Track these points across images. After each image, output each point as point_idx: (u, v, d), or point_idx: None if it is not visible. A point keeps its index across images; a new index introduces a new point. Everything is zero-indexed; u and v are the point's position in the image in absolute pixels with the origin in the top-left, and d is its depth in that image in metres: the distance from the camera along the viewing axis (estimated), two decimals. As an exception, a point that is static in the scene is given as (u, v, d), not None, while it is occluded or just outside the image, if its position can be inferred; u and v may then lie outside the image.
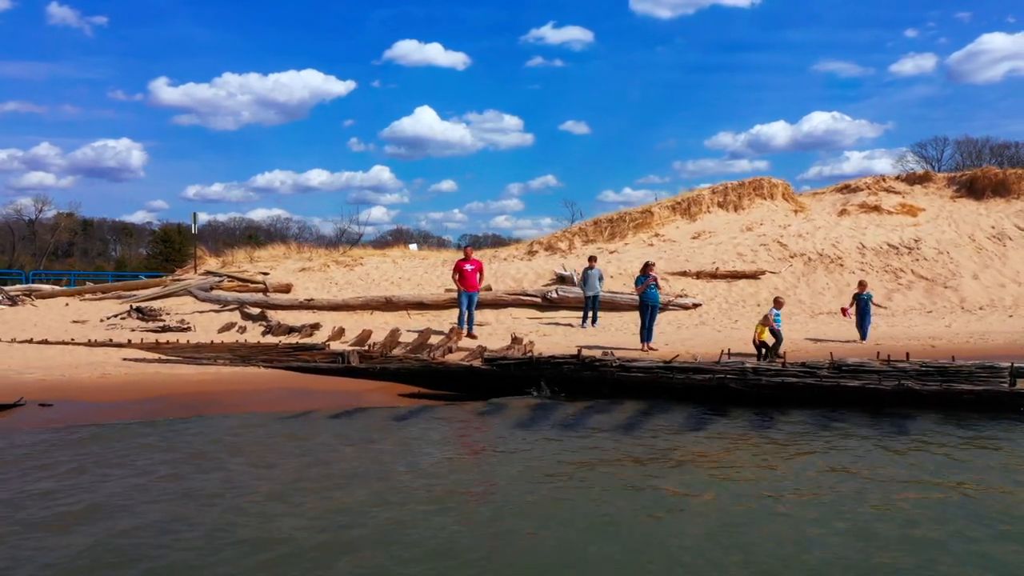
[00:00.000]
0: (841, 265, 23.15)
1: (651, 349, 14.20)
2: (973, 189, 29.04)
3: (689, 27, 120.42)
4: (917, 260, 23.53)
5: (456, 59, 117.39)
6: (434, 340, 13.86)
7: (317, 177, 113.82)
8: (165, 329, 15.97)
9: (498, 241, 71.69)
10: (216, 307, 18.67)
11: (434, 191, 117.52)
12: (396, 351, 12.80)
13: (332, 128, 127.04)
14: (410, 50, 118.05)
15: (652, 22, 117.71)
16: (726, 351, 10.43)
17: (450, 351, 13.30)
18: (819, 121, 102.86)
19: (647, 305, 14.64)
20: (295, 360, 10.88)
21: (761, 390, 9.23)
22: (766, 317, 13.29)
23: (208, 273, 22.94)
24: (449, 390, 10.66)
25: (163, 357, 11.65)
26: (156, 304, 19.32)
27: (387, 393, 10.35)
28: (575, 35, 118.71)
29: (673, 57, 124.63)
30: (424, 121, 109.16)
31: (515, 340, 13.82)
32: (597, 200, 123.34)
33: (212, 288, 20.56)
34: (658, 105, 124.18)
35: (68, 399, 9.36)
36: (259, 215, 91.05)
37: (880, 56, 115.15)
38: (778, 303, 13.82)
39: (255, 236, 65.65)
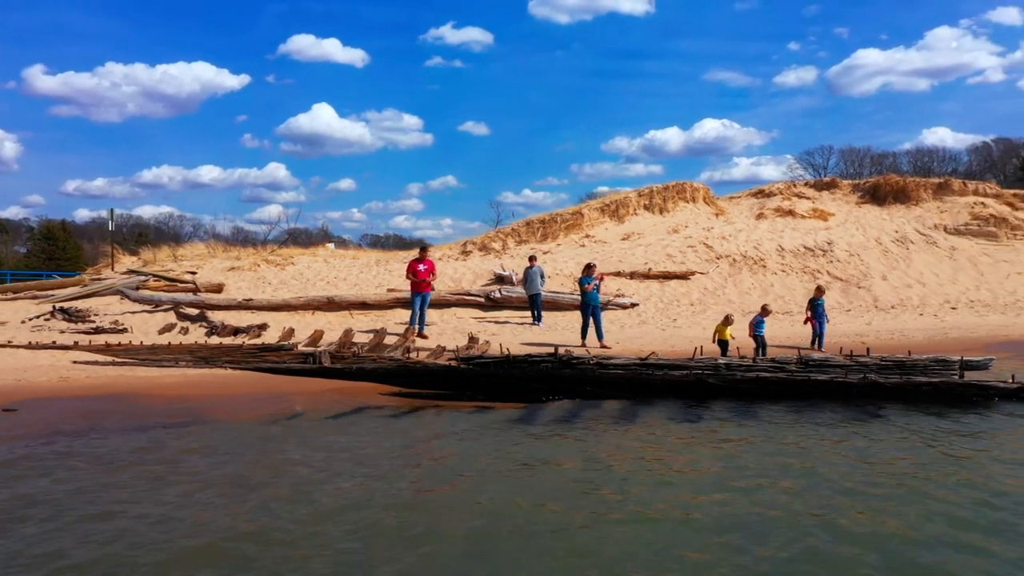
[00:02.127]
0: (764, 266, 24.27)
1: (604, 347, 14.54)
2: (876, 195, 31.00)
3: (587, 33, 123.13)
4: (831, 262, 24.94)
5: (354, 56, 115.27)
6: (388, 340, 13.76)
7: (208, 173, 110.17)
8: (98, 331, 15.18)
9: (400, 241, 70.86)
10: (148, 308, 17.84)
11: (332, 190, 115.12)
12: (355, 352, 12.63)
13: (224, 123, 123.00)
14: (306, 45, 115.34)
15: (551, 27, 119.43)
16: (699, 348, 10.82)
17: (408, 351, 13.23)
18: (710, 128, 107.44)
19: (589, 304, 15.02)
20: (264, 361, 10.56)
21: (737, 385, 9.67)
22: (727, 318, 13.87)
23: (131, 272, 21.86)
24: (423, 388, 10.66)
25: (117, 359, 11.07)
26: (80, 304, 18.30)
27: (366, 394, 10.24)
28: (475, 36, 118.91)
29: (571, 62, 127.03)
30: (322, 118, 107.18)
31: (472, 340, 13.89)
32: (497, 200, 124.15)
33: (138, 287, 19.66)
34: (556, 108, 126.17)
35: (31, 405, 8.83)
36: (147, 212, 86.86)
37: (766, 68, 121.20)
38: (764, 311, 14.30)
39: (145, 234, 62.69)
